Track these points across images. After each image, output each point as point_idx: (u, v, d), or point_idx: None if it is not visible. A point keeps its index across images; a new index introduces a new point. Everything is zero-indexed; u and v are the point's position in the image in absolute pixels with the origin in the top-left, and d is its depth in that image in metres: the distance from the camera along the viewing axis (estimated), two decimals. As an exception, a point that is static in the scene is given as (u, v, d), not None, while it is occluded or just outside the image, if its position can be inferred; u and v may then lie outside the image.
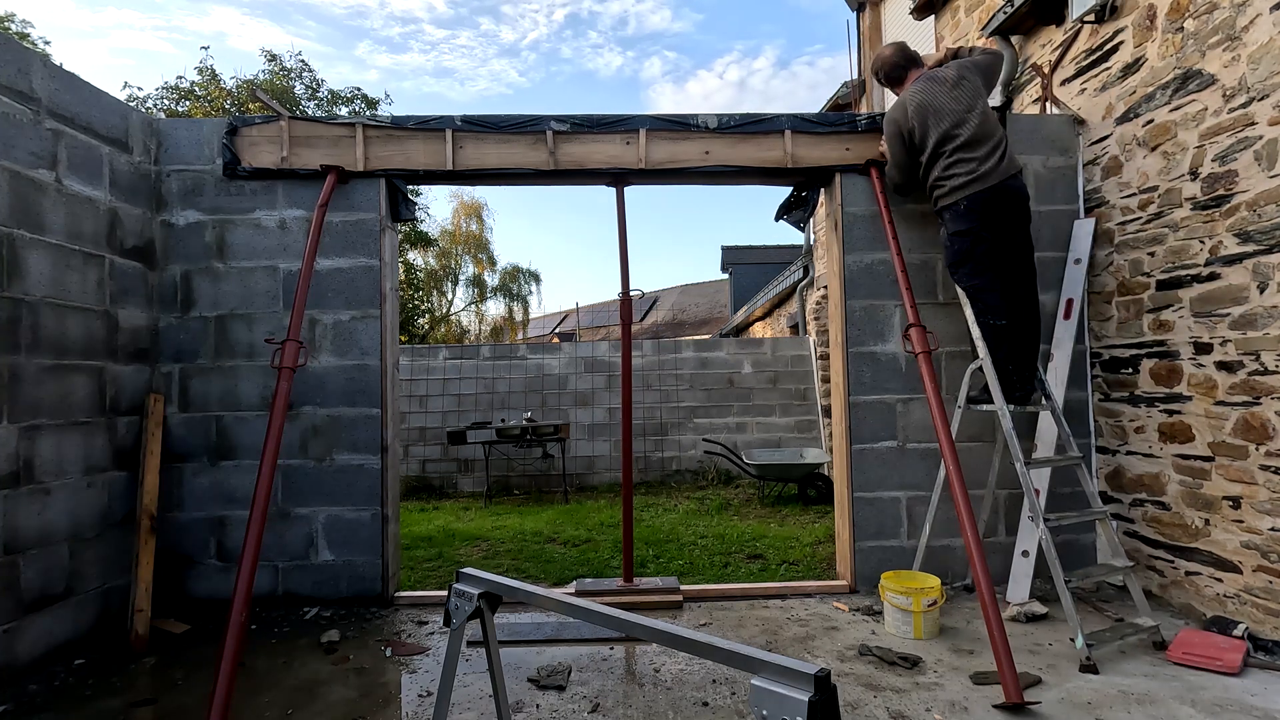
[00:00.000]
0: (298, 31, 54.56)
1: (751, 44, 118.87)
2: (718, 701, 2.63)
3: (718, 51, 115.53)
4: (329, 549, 3.81)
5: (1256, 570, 3.02)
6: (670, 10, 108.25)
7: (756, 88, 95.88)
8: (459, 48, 68.15)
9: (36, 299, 3.07)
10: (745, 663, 1.36)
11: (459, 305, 23.97)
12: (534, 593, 1.84)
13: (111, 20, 42.92)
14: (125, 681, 2.91)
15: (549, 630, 3.35)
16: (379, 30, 62.26)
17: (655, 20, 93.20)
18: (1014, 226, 3.46)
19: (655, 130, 3.96)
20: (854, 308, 3.98)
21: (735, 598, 3.85)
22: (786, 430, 8.97)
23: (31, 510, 3.03)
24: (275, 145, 3.86)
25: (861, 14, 7.88)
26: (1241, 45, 3.04)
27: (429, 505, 7.80)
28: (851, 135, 3.98)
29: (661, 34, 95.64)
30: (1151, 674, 2.77)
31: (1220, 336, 3.17)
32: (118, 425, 3.53)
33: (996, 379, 3.35)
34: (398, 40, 63.74)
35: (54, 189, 3.19)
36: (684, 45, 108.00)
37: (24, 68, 3.06)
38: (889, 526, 3.91)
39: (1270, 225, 2.92)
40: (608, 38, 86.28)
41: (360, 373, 3.87)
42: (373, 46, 63.87)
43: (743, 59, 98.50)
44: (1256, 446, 3.00)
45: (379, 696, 2.75)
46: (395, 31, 63.56)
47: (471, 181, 4.18)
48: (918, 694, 2.66)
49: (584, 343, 9.36)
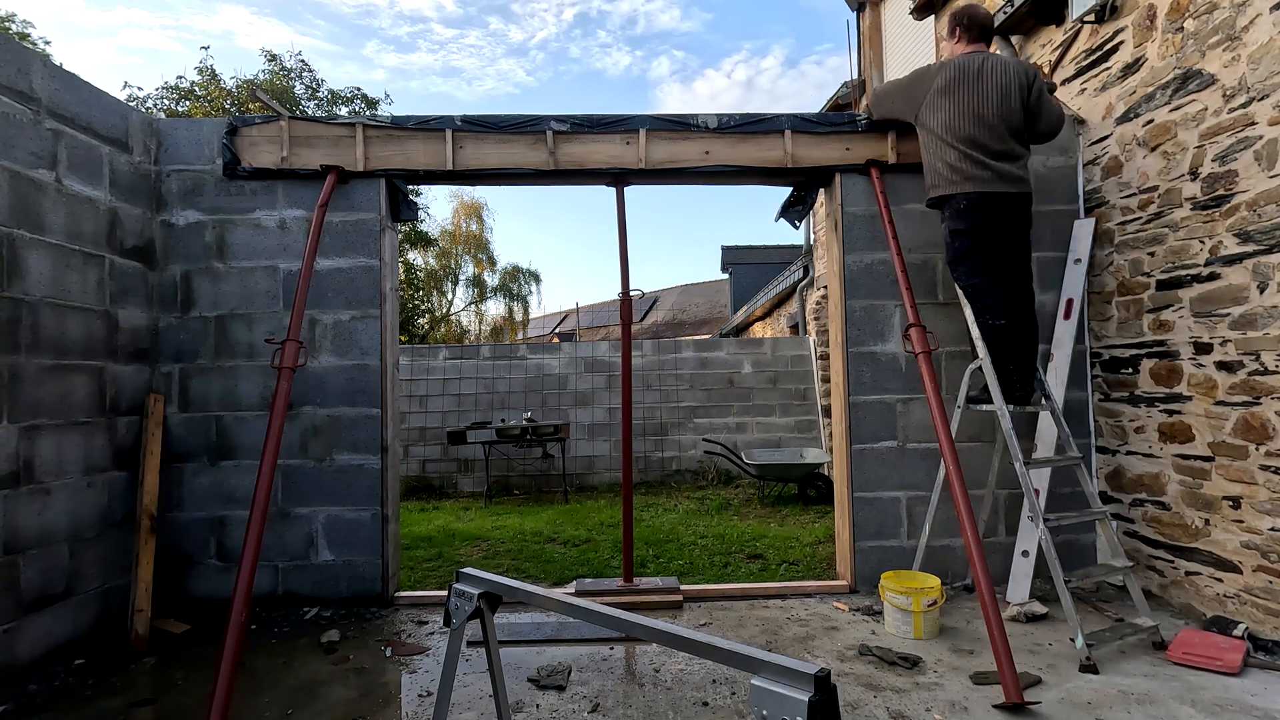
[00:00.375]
0: (306, 30, 54.53)
1: (760, 43, 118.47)
2: (718, 701, 2.63)
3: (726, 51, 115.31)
4: (329, 549, 3.81)
5: (1256, 570, 3.02)
6: (679, 9, 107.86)
7: (764, 87, 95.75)
8: (467, 47, 68.01)
9: (36, 299, 3.07)
10: (745, 663, 1.36)
11: (459, 305, 23.99)
12: (534, 593, 1.84)
13: (120, 19, 43.00)
14: (125, 681, 2.91)
15: (549, 630, 3.35)
16: (387, 29, 62.28)
17: (664, 20, 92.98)
18: (1015, 228, 3.46)
19: (655, 130, 3.96)
20: (854, 308, 3.98)
21: (735, 598, 3.85)
22: (786, 430, 8.97)
23: (31, 510, 3.03)
24: (275, 145, 3.86)
25: (861, 14, 7.88)
26: (1241, 45, 3.04)
27: (429, 505, 7.80)
28: (852, 135, 3.98)
29: (670, 33, 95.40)
30: (1151, 674, 2.77)
31: (1220, 336, 3.17)
32: (118, 425, 3.53)
33: (996, 379, 3.35)
34: (406, 40, 63.75)
35: (54, 189, 3.19)
36: (692, 45, 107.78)
37: (24, 68, 3.06)
38: (889, 526, 3.91)
39: (1270, 225, 2.92)
40: (616, 37, 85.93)
41: (360, 373, 3.87)
42: (380, 46, 63.86)
43: (751, 58, 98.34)
44: (1256, 446, 3.00)
45: (379, 696, 2.75)
46: (404, 31, 63.54)
47: (471, 181, 4.18)
48: (918, 694, 2.66)
49: (584, 343, 9.36)
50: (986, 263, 3.43)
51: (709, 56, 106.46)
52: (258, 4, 47.15)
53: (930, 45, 6.16)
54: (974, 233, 3.41)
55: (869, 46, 7.70)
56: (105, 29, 43.60)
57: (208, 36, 43.25)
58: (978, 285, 3.45)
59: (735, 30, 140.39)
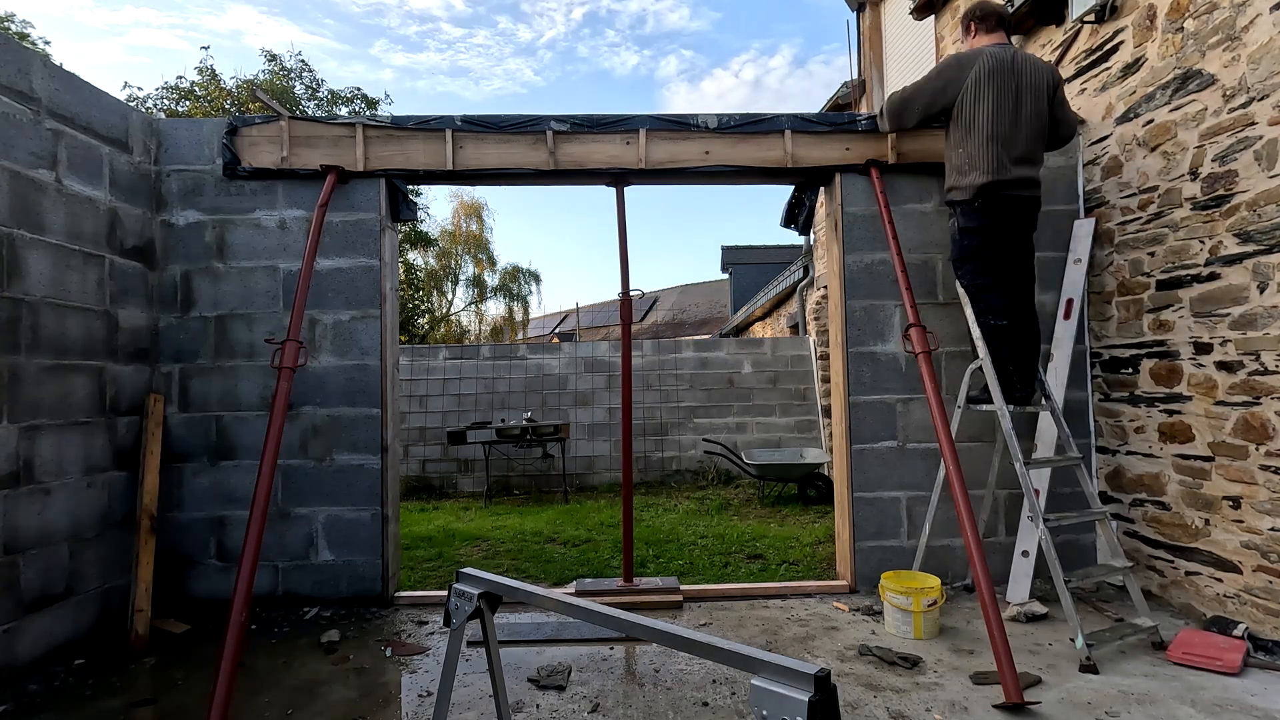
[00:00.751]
0: (315, 29, 54.34)
1: (769, 42, 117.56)
2: (718, 701, 2.63)
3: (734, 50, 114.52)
4: (329, 549, 3.81)
5: (1256, 570, 3.02)
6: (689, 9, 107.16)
7: (772, 86, 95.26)
8: (475, 46, 67.68)
9: (36, 299, 3.07)
10: (745, 663, 1.36)
11: (459, 305, 24.00)
12: (534, 593, 1.84)
13: (129, 18, 42.94)
14: (125, 681, 2.91)
15: (549, 630, 3.35)
16: (396, 29, 62.13)
17: (673, 19, 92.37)
18: (1025, 231, 3.46)
19: (655, 130, 3.96)
20: (854, 308, 3.98)
21: (735, 598, 3.85)
22: (786, 430, 8.97)
23: (31, 510, 3.03)
24: (275, 145, 3.86)
25: (861, 14, 7.88)
26: (1241, 45, 3.04)
27: (429, 505, 7.80)
28: (851, 135, 3.98)
29: (679, 32, 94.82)
30: (1151, 674, 2.77)
31: (1220, 336, 3.17)
32: (118, 425, 3.53)
33: (997, 379, 3.35)
34: (414, 39, 63.60)
35: (54, 189, 3.19)
36: (701, 44, 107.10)
37: (24, 68, 3.06)
38: (889, 526, 3.92)
39: (1270, 225, 2.92)
40: (625, 36, 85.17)
41: (360, 373, 3.87)
42: (389, 45, 63.72)
43: (759, 57, 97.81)
44: (1256, 446, 3.00)
45: (379, 696, 2.75)
46: (412, 30, 63.37)
47: (471, 181, 4.18)
48: (918, 694, 2.66)
49: (584, 343, 9.36)
50: (994, 264, 3.42)
51: (717, 56, 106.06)
52: (267, 3, 47.13)
53: (930, 45, 6.16)
54: (985, 232, 3.39)
55: (869, 46, 7.70)
56: (114, 28, 43.62)
57: (216, 36, 43.30)
58: (981, 285, 3.45)
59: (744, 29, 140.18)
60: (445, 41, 64.14)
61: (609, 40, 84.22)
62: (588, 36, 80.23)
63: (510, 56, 72.02)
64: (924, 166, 3.96)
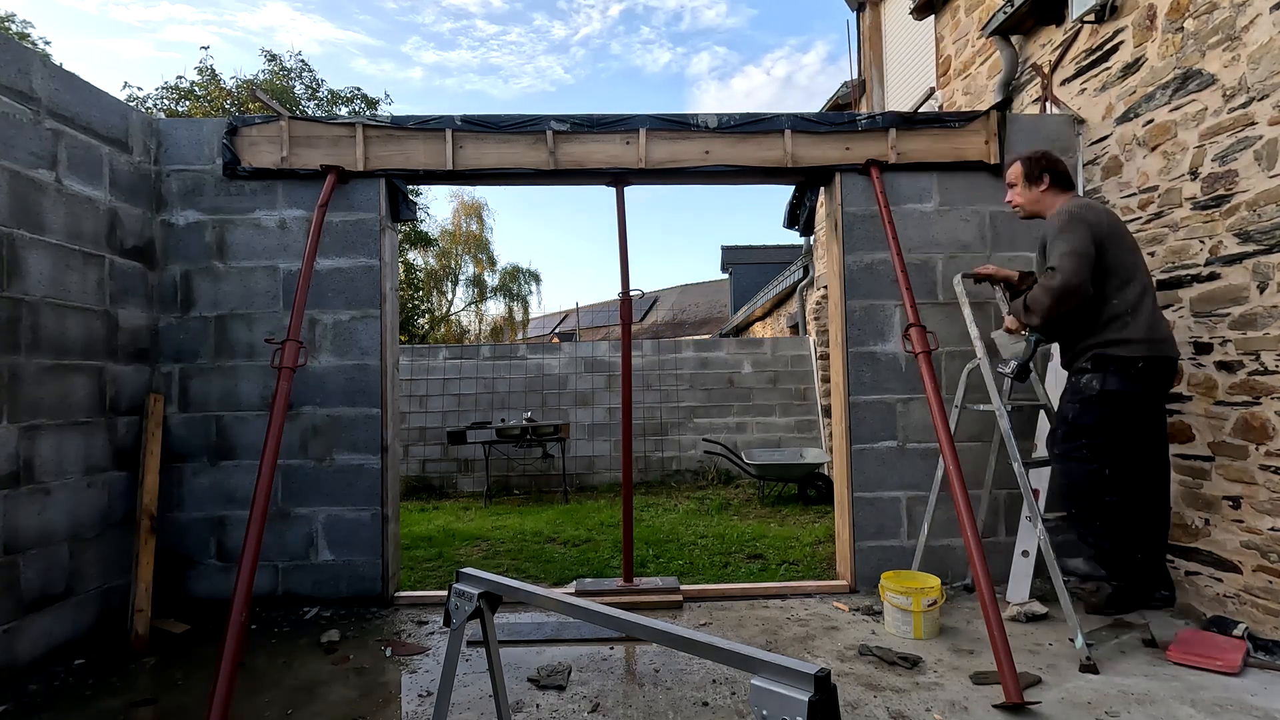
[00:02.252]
0: (348, 26, 53.86)
1: (804, 39, 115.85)
2: (718, 701, 2.63)
3: (768, 46, 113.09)
4: (329, 549, 3.81)
5: (1256, 570, 3.02)
6: (726, 5, 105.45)
7: (802, 84, 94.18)
8: (508, 44, 66.61)
9: (36, 299, 3.07)
10: (745, 663, 1.36)
11: (459, 305, 24.01)
12: (534, 593, 1.84)
13: (164, 14, 42.85)
14: (125, 681, 2.91)
15: (549, 630, 3.35)
16: (430, 25, 61.60)
17: (710, 15, 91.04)
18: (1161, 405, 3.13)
19: (655, 130, 3.96)
20: (854, 308, 3.98)
21: (735, 598, 3.85)
22: (786, 430, 8.97)
23: (31, 510, 3.03)
24: (275, 145, 3.86)
25: (861, 14, 7.88)
26: (1241, 45, 3.04)
27: (429, 505, 7.80)
28: (851, 135, 3.98)
29: (714, 29, 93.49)
30: (1151, 674, 2.77)
31: (1220, 336, 3.17)
32: (118, 425, 3.53)
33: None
34: (447, 36, 63.15)
35: (54, 189, 3.19)
36: (736, 41, 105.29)
37: (24, 68, 3.06)
38: (889, 526, 3.92)
39: (1270, 225, 2.92)
40: (660, 33, 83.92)
41: (360, 373, 3.87)
42: (420, 42, 63.10)
43: (793, 54, 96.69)
44: (1256, 446, 3.00)
45: (379, 696, 2.75)
46: (446, 27, 62.86)
47: (471, 181, 4.18)
48: (918, 694, 2.66)
49: (584, 343, 9.36)
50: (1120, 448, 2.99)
51: (750, 53, 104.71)
52: (302, 1, 46.86)
53: (930, 45, 6.15)
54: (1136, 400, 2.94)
55: (869, 46, 7.69)
56: (147, 25, 43.51)
57: (249, 33, 42.99)
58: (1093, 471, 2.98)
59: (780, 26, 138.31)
60: (478, 39, 63.67)
61: (643, 37, 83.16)
62: (622, 34, 79.35)
63: (542, 54, 70.84)
64: (924, 166, 3.96)
